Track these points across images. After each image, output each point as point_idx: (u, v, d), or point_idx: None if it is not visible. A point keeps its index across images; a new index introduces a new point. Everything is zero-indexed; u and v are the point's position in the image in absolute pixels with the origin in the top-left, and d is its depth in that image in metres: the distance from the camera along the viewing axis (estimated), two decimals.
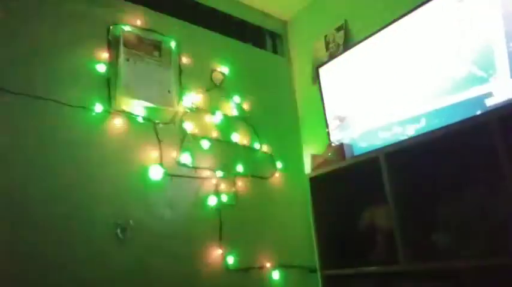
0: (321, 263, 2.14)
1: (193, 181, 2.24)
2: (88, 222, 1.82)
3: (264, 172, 2.60)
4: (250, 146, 2.60)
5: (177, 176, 2.18)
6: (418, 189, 1.84)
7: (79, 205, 1.82)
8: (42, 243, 1.68)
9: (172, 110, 2.28)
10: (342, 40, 2.66)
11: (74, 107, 1.93)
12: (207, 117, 2.45)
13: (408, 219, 1.78)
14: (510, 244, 1.47)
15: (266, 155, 2.66)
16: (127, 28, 2.23)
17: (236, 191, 2.40)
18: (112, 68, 2.11)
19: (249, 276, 2.26)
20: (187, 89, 2.39)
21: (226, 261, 2.20)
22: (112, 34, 2.17)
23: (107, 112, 2.03)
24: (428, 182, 1.84)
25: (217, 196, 2.30)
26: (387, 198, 1.82)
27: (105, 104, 2.03)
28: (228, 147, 2.47)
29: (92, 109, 1.99)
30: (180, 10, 2.58)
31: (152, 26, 2.34)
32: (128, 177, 2.02)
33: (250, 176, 2.51)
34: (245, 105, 2.67)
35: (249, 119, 2.64)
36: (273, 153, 2.69)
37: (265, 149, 2.66)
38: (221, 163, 2.39)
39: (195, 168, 2.27)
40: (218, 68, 2.62)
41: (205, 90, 2.49)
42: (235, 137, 2.53)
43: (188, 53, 2.47)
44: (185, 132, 2.30)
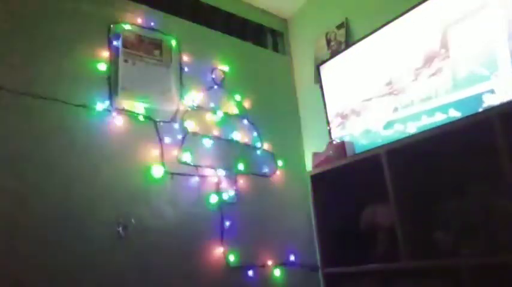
0: (323, 261, 2.14)
1: (194, 179, 2.24)
2: (89, 220, 1.83)
3: (265, 170, 2.60)
4: (251, 144, 2.60)
5: (179, 174, 2.18)
6: (420, 186, 1.83)
7: (80, 204, 1.83)
8: (43, 241, 1.69)
9: (173, 109, 2.28)
10: (343, 38, 2.66)
11: (75, 106, 1.93)
12: (208, 115, 2.45)
13: (410, 217, 1.78)
14: (511, 241, 1.47)
15: (267, 153, 2.66)
16: (127, 27, 2.23)
17: (237, 189, 2.40)
18: (113, 67, 2.11)
19: (251, 274, 2.26)
20: (188, 88, 2.39)
21: (227, 259, 2.20)
22: (113, 33, 2.17)
23: (108, 111, 2.04)
24: (429, 179, 1.83)
25: (218, 194, 2.30)
26: (389, 196, 1.81)
27: (106, 103, 2.03)
28: (229, 145, 2.48)
29: (93, 108, 1.99)
30: (181, 8, 2.58)
31: (153, 25, 2.34)
32: (129, 175, 2.02)
33: (251, 174, 2.51)
34: (246, 103, 2.67)
35: (250, 117, 2.64)
36: (274, 151, 2.69)
37: (266, 147, 2.66)
38: (222, 161, 2.40)
39: (197, 166, 2.27)
40: (219, 67, 2.61)
41: (206, 88, 2.50)
42: (236, 136, 2.53)
43: (189, 52, 2.47)
44: (186, 130, 2.30)
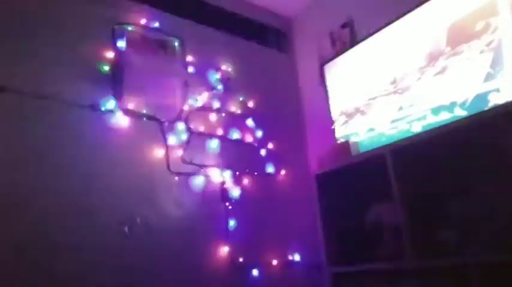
0: (328, 260, 2.14)
1: (199, 179, 2.25)
2: (95, 220, 1.84)
3: (270, 170, 2.61)
4: (256, 144, 2.60)
5: (183, 174, 2.19)
6: (425, 186, 1.83)
7: (86, 203, 1.84)
8: (48, 241, 1.69)
9: (178, 109, 2.29)
10: (348, 37, 2.65)
11: (80, 107, 1.95)
12: (213, 115, 2.46)
13: (415, 216, 1.78)
14: None
15: (272, 152, 2.66)
16: (132, 27, 2.24)
17: (242, 188, 2.40)
18: (117, 68, 2.12)
19: (256, 273, 2.27)
20: (192, 88, 2.40)
21: (232, 258, 2.21)
22: (117, 33, 2.18)
23: (113, 111, 2.05)
24: (434, 179, 1.83)
25: (223, 194, 2.30)
26: (394, 195, 1.81)
27: (111, 103, 2.04)
28: (234, 145, 2.48)
29: (98, 108, 2.00)
30: (185, 9, 2.58)
31: (157, 25, 2.34)
32: (135, 175, 2.03)
33: (256, 173, 2.52)
34: (250, 103, 2.67)
35: (254, 117, 2.65)
36: (279, 150, 2.70)
37: (271, 146, 2.66)
38: (227, 161, 2.40)
39: (201, 166, 2.28)
40: (223, 67, 2.62)
41: (210, 88, 2.50)
42: (240, 135, 2.53)
43: (193, 52, 2.48)
44: (191, 130, 2.31)
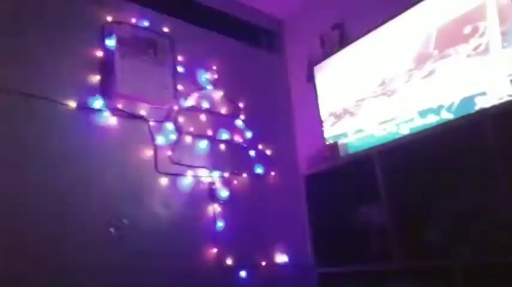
0: (316, 261, 2.14)
1: (187, 180, 2.24)
2: (82, 221, 1.81)
3: (259, 171, 2.60)
4: (245, 144, 2.59)
5: (172, 174, 2.18)
6: (412, 187, 1.84)
7: (73, 204, 1.81)
8: (36, 242, 1.67)
9: (167, 109, 2.27)
10: (337, 39, 2.66)
11: (68, 106, 1.92)
12: (202, 115, 2.45)
13: (402, 217, 1.79)
14: (503, 242, 1.48)
15: (261, 153, 2.66)
16: (122, 26, 2.21)
17: (231, 189, 2.40)
18: (107, 67, 2.10)
19: (244, 275, 2.26)
20: (182, 88, 2.39)
21: (221, 260, 2.20)
22: (107, 32, 2.15)
23: (101, 111, 2.02)
24: (421, 180, 1.84)
25: (211, 195, 2.29)
26: (382, 196, 1.82)
27: (99, 103, 2.02)
28: (223, 145, 2.47)
29: (87, 108, 1.98)
30: (175, 8, 2.57)
31: (147, 25, 2.33)
32: (122, 176, 2.01)
33: (245, 174, 2.51)
34: (240, 103, 2.67)
35: (244, 118, 2.64)
36: (268, 151, 2.70)
37: (260, 147, 2.66)
38: (216, 162, 2.39)
39: (190, 167, 2.26)
40: (213, 67, 2.61)
41: (200, 88, 2.49)
42: (230, 136, 2.53)
43: (183, 51, 2.46)
44: (180, 130, 2.29)
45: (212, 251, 2.19)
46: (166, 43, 2.38)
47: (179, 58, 2.43)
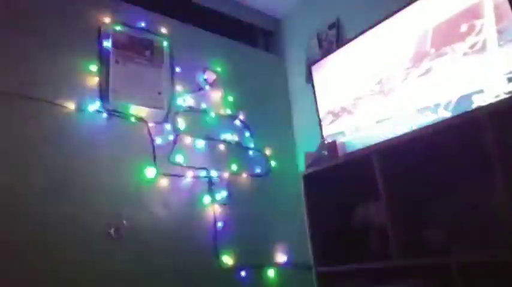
0: (316, 260, 2.15)
1: (186, 180, 2.24)
2: (81, 222, 1.82)
3: (258, 170, 2.61)
4: (243, 144, 2.60)
5: (171, 175, 2.18)
6: (411, 185, 1.85)
7: (72, 205, 1.81)
8: (35, 243, 1.67)
9: (165, 109, 2.27)
10: (335, 38, 2.67)
11: (66, 108, 1.93)
12: (200, 116, 2.45)
13: (401, 216, 1.79)
14: (501, 239, 1.48)
15: (260, 153, 2.66)
16: (118, 28, 2.22)
17: (230, 189, 2.40)
18: (104, 68, 2.10)
19: (244, 275, 2.27)
20: (179, 88, 2.39)
21: (220, 260, 2.20)
22: (103, 33, 2.16)
23: (99, 112, 2.03)
24: (420, 178, 1.85)
25: (211, 195, 2.30)
26: (380, 195, 1.83)
27: (97, 104, 2.02)
28: (222, 146, 2.48)
29: (84, 109, 1.98)
30: (173, 9, 2.57)
31: (144, 25, 2.33)
32: (121, 177, 2.02)
33: (244, 174, 2.51)
34: (238, 103, 2.67)
35: (242, 118, 2.65)
36: (267, 151, 2.70)
37: (258, 147, 2.66)
38: (215, 162, 2.40)
39: (189, 167, 2.27)
40: (211, 67, 2.61)
41: (198, 89, 2.49)
42: (228, 136, 2.53)
43: (180, 52, 2.46)
44: (178, 131, 2.30)
45: (211, 251, 2.19)
46: (164, 44, 2.39)
47: (176, 59, 2.43)
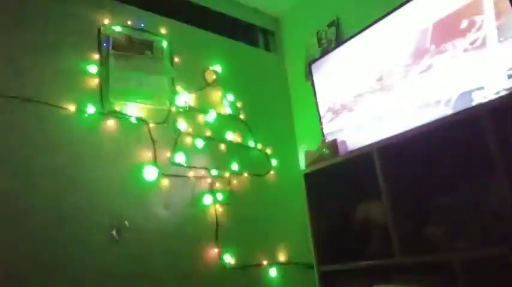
0: (318, 259, 2.14)
1: (188, 180, 2.24)
2: (83, 223, 1.82)
3: (259, 170, 2.61)
4: (244, 144, 2.60)
5: (172, 175, 2.18)
6: (412, 183, 1.85)
7: (73, 207, 1.82)
8: (37, 244, 1.68)
9: (165, 110, 2.28)
10: (334, 36, 2.66)
11: (66, 109, 1.93)
12: (201, 116, 2.45)
13: (402, 213, 1.79)
14: (502, 236, 1.48)
15: (261, 152, 2.66)
16: (118, 28, 2.22)
17: (231, 189, 2.40)
18: (103, 69, 2.10)
19: (246, 274, 2.27)
20: (180, 89, 2.39)
21: (222, 259, 2.20)
22: (103, 35, 2.16)
23: (100, 113, 2.03)
24: (421, 176, 1.85)
25: (212, 195, 2.30)
26: (381, 193, 1.82)
27: (97, 106, 2.03)
28: (223, 145, 2.48)
29: (84, 111, 1.98)
30: (172, 9, 2.57)
31: (143, 26, 2.33)
32: (123, 178, 2.02)
33: (245, 174, 2.51)
34: (238, 103, 2.67)
35: (243, 117, 2.65)
36: (268, 150, 2.70)
37: (259, 146, 2.67)
38: (216, 162, 2.40)
39: (190, 167, 2.27)
40: (211, 67, 2.61)
41: (198, 89, 2.49)
42: (229, 136, 2.53)
43: (180, 52, 2.46)
44: (179, 131, 2.30)
45: (213, 251, 2.19)
46: (163, 44, 2.39)
47: (176, 59, 2.44)
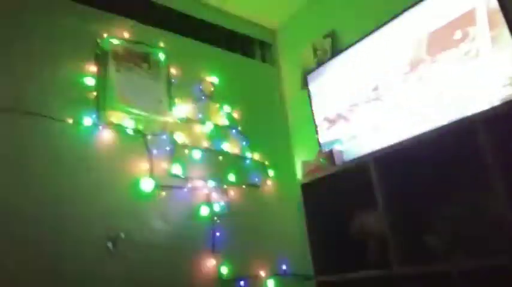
0: (316, 269, 2.14)
1: (184, 192, 2.23)
2: (78, 235, 1.80)
3: (256, 180, 2.60)
4: (241, 154, 2.60)
5: (169, 187, 2.17)
6: (408, 193, 1.85)
7: (69, 218, 1.80)
8: (32, 256, 1.66)
9: (162, 121, 2.28)
10: (329, 47, 2.69)
11: (63, 121, 1.93)
12: (198, 127, 2.45)
13: (399, 223, 1.79)
14: (500, 245, 1.48)
15: (257, 163, 2.66)
16: (115, 41, 2.23)
17: (228, 200, 2.39)
18: (101, 81, 2.11)
19: (244, 285, 2.25)
20: (177, 100, 2.40)
21: (219, 271, 2.18)
22: (100, 47, 2.17)
23: (96, 125, 2.03)
24: (418, 185, 1.85)
25: (209, 206, 2.29)
26: (378, 203, 1.82)
27: (94, 118, 2.03)
28: (219, 156, 2.48)
29: (81, 123, 1.98)
30: (169, 22, 2.59)
31: (140, 39, 2.35)
32: (119, 189, 2.01)
33: (242, 184, 2.51)
34: (235, 114, 2.68)
35: (240, 128, 2.65)
36: (265, 161, 2.70)
37: (256, 157, 2.66)
38: (212, 173, 2.39)
39: (187, 178, 2.26)
40: (208, 78, 2.62)
41: (195, 100, 2.50)
42: (226, 147, 2.53)
43: (177, 64, 2.48)
44: (176, 143, 2.30)
45: (210, 262, 2.17)
46: (160, 56, 2.40)
47: (173, 71, 2.45)
